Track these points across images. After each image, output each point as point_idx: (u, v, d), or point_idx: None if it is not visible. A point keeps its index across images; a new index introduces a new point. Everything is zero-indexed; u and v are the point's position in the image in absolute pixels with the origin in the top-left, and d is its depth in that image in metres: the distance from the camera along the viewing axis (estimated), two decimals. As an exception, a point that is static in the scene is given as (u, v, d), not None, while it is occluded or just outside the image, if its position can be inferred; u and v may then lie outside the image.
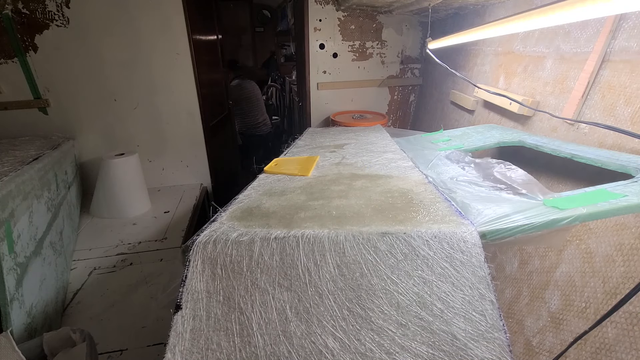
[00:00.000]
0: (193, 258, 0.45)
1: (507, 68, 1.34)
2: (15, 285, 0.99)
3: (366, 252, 0.44)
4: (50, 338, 0.85)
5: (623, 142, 0.83)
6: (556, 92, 1.07)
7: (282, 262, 0.45)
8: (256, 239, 0.46)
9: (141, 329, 1.23)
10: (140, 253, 1.72)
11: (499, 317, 0.42)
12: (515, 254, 1.05)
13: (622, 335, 0.68)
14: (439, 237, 0.45)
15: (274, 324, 0.43)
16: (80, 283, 1.49)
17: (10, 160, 1.33)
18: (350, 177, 0.80)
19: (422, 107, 2.25)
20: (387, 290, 0.43)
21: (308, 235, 0.45)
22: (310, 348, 0.42)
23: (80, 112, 2.11)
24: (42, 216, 1.31)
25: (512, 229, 0.47)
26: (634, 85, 0.82)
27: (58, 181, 1.61)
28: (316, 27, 1.97)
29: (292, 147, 1.17)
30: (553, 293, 0.88)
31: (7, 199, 1.04)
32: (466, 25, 1.55)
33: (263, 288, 0.44)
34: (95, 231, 1.93)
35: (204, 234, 0.47)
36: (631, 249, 0.72)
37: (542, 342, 0.87)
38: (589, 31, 0.96)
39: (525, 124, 1.19)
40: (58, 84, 2.02)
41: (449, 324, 0.42)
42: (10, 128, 1.99)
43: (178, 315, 0.43)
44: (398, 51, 2.15)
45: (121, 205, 2.05)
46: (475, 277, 0.43)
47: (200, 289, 0.44)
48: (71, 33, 1.94)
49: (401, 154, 0.94)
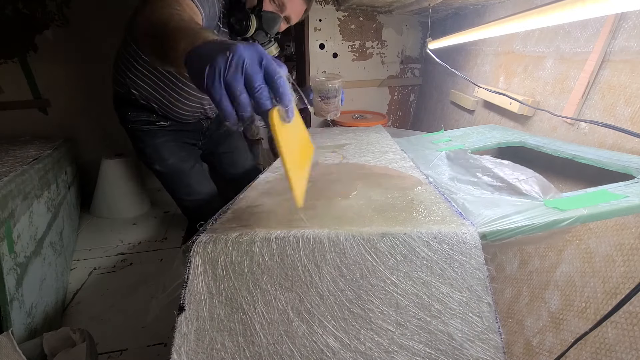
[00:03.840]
0: (194, 259, 0.45)
1: (507, 68, 1.34)
2: (15, 285, 0.99)
3: (366, 253, 0.44)
4: (50, 338, 0.85)
5: (623, 142, 0.83)
6: (556, 92, 1.07)
7: (283, 263, 0.45)
8: (256, 239, 0.46)
9: (141, 329, 1.23)
10: (140, 253, 1.72)
11: (495, 319, 0.42)
12: (515, 254, 1.05)
13: (622, 335, 0.68)
14: (439, 238, 0.45)
15: (276, 324, 0.43)
16: (80, 283, 1.49)
17: (10, 160, 1.33)
18: (351, 178, 0.80)
19: (422, 107, 2.25)
20: (387, 291, 0.44)
21: (308, 235, 0.45)
22: (311, 347, 0.42)
23: (80, 112, 2.11)
24: (42, 216, 1.31)
25: (512, 230, 0.47)
26: (634, 85, 0.82)
27: (58, 181, 1.61)
28: (316, 27, 1.97)
29: None
30: (553, 293, 0.88)
31: (7, 199, 1.04)
32: (466, 25, 1.55)
33: (264, 289, 0.44)
34: (95, 231, 1.93)
35: (204, 234, 0.47)
36: (631, 249, 0.72)
37: (542, 342, 0.87)
38: (589, 31, 0.97)
39: (525, 124, 1.19)
40: (58, 84, 2.02)
41: (446, 325, 0.42)
42: (10, 128, 1.98)
43: (182, 317, 0.43)
44: (398, 51, 2.15)
45: (121, 205, 2.05)
46: (473, 279, 0.44)
47: (202, 289, 0.44)
48: (71, 33, 1.94)
49: (402, 154, 0.94)
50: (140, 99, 1.04)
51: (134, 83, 1.01)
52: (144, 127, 1.09)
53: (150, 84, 1.01)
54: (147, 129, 1.10)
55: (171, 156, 1.13)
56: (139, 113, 1.07)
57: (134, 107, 1.07)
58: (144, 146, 1.11)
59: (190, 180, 1.19)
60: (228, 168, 1.39)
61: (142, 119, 1.08)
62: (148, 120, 1.09)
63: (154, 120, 1.09)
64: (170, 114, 1.08)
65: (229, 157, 1.38)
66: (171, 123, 1.11)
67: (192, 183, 1.19)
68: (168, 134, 1.13)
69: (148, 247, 1.79)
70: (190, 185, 1.19)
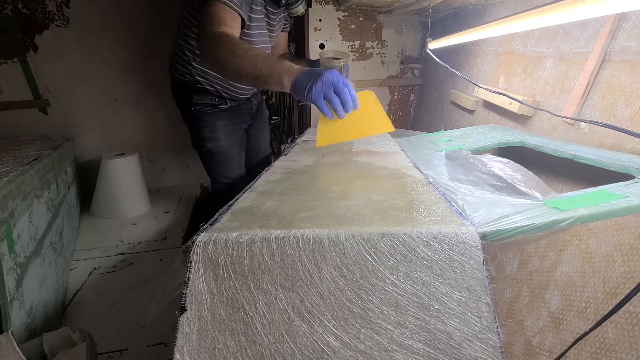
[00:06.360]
0: (194, 259, 0.45)
1: (507, 68, 1.34)
2: (15, 285, 0.99)
3: (366, 253, 0.45)
4: (50, 338, 0.85)
5: (623, 143, 0.83)
6: (556, 92, 1.07)
7: (283, 263, 0.45)
8: (256, 239, 0.46)
9: (141, 329, 1.23)
10: (140, 253, 1.72)
11: (494, 319, 0.42)
12: (515, 254, 1.05)
13: (622, 335, 0.68)
14: (439, 238, 0.45)
15: (277, 324, 0.43)
16: (80, 283, 1.49)
17: (10, 160, 1.33)
18: (351, 178, 0.80)
19: (422, 107, 2.25)
20: (387, 291, 0.44)
21: (308, 235, 0.45)
22: (312, 346, 0.42)
23: (80, 112, 2.11)
24: (42, 216, 1.31)
25: (512, 230, 0.47)
26: (634, 85, 0.82)
27: (58, 181, 1.61)
28: (316, 27, 1.97)
29: (292, 147, 1.18)
30: (553, 293, 0.88)
31: (7, 199, 1.04)
32: (466, 25, 1.55)
33: (265, 289, 0.44)
34: (95, 231, 1.93)
35: (204, 234, 0.47)
36: (631, 249, 0.72)
37: (542, 342, 0.87)
38: (589, 31, 0.97)
39: (525, 124, 1.19)
40: (58, 84, 2.02)
41: (445, 324, 0.43)
42: (10, 128, 1.98)
43: (183, 317, 0.43)
44: (398, 51, 2.15)
45: (121, 205, 2.05)
46: (473, 279, 0.44)
47: (203, 290, 0.44)
48: (71, 33, 1.94)
49: (402, 154, 0.94)
50: (206, 84, 1.19)
51: (199, 70, 1.16)
52: (208, 109, 1.24)
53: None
54: (210, 111, 1.25)
55: (225, 139, 1.29)
56: (204, 97, 1.22)
57: (199, 92, 1.21)
58: (203, 125, 1.26)
59: (234, 163, 1.36)
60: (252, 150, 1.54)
61: (207, 102, 1.23)
62: (212, 104, 1.24)
63: (217, 103, 1.24)
64: (232, 92, 1.24)
65: (255, 140, 1.55)
66: (230, 105, 1.27)
67: (234, 167, 1.36)
68: (226, 117, 1.28)
69: (148, 247, 1.78)
70: (233, 169, 1.36)
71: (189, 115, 1.27)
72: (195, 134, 1.30)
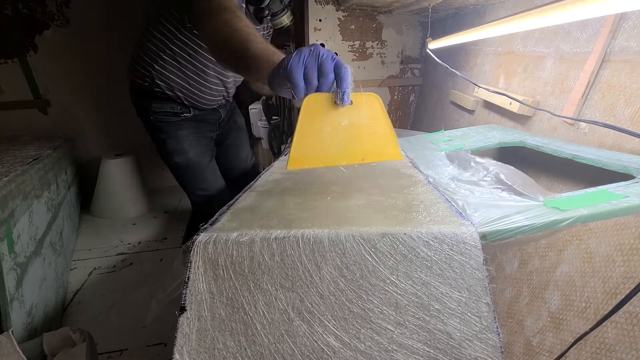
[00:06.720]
0: (194, 259, 0.45)
1: (507, 68, 1.34)
2: (15, 285, 0.99)
3: (366, 253, 0.45)
4: (50, 338, 0.85)
5: (623, 143, 0.83)
6: (556, 92, 1.07)
7: (283, 263, 0.45)
8: (256, 239, 0.46)
9: (141, 329, 1.23)
10: (140, 253, 1.72)
11: (494, 319, 0.42)
12: (515, 254, 1.05)
13: (622, 335, 0.68)
14: (439, 238, 0.45)
15: (277, 324, 0.43)
16: (80, 283, 1.49)
17: (10, 160, 1.33)
18: (351, 178, 0.80)
19: (422, 107, 2.25)
20: (387, 291, 0.44)
21: (308, 235, 0.45)
22: (312, 346, 0.42)
23: (80, 112, 2.11)
24: (42, 216, 1.31)
25: (512, 230, 0.47)
26: (634, 85, 0.82)
27: (58, 181, 1.61)
28: (316, 27, 1.97)
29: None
30: (553, 293, 0.88)
31: (7, 199, 1.04)
32: (466, 25, 1.55)
33: (265, 289, 0.44)
34: (95, 231, 1.93)
35: (204, 234, 0.47)
36: (631, 249, 0.72)
37: (542, 342, 0.87)
38: (589, 31, 0.97)
39: (525, 124, 1.19)
40: (58, 84, 2.02)
41: (445, 324, 0.43)
42: (10, 128, 1.98)
43: (183, 317, 0.43)
44: (398, 51, 2.15)
45: (121, 205, 2.05)
46: (473, 279, 0.44)
47: (203, 290, 0.44)
48: (71, 33, 1.94)
49: (402, 154, 0.94)
50: (167, 89, 1.07)
51: (160, 74, 1.05)
52: (168, 119, 1.13)
53: (178, 73, 1.05)
54: (171, 120, 1.14)
55: (191, 149, 1.18)
56: (164, 104, 1.11)
57: (157, 99, 1.10)
58: (166, 137, 1.15)
59: (206, 174, 1.24)
60: (232, 160, 1.44)
61: (167, 110, 1.12)
62: (173, 112, 1.13)
63: (178, 111, 1.13)
64: (195, 101, 1.13)
65: (233, 151, 1.44)
66: (193, 114, 1.16)
67: (207, 177, 1.25)
68: (190, 127, 1.17)
69: (148, 247, 1.79)
70: (206, 180, 1.24)
71: (150, 125, 1.16)
72: (160, 147, 1.19)
